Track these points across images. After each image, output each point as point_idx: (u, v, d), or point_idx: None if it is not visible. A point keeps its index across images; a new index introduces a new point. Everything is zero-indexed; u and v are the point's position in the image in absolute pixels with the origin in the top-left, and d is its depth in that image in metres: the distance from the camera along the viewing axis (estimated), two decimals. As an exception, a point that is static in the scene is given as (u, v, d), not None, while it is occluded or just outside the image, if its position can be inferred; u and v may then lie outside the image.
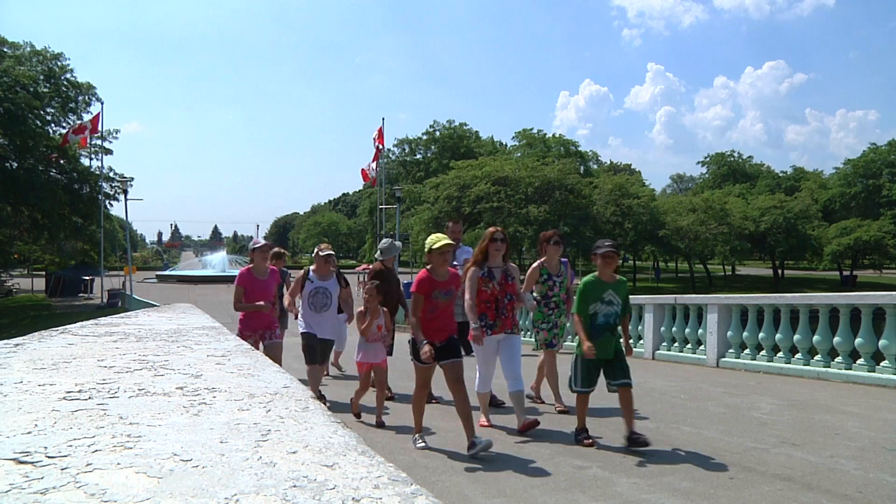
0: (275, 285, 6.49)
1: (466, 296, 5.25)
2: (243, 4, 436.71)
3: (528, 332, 11.41)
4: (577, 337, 5.01)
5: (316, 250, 6.85)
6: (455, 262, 6.13)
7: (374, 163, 34.57)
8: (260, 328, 6.43)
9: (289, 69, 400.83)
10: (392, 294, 6.72)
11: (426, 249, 4.88)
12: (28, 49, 33.73)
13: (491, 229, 5.55)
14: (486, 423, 5.48)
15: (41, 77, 33.58)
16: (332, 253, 6.84)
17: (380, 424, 5.64)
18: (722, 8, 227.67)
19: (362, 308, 5.85)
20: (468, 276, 5.32)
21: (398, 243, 7.18)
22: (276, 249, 8.20)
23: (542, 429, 5.39)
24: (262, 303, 6.25)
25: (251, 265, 6.52)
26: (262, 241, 6.72)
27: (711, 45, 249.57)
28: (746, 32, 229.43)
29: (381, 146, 34.27)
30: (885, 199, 53.81)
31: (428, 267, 4.89)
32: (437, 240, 4.84)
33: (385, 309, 6.01)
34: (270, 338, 6.47)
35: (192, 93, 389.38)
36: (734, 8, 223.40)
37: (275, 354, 6.14)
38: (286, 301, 7.50)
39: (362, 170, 35.34)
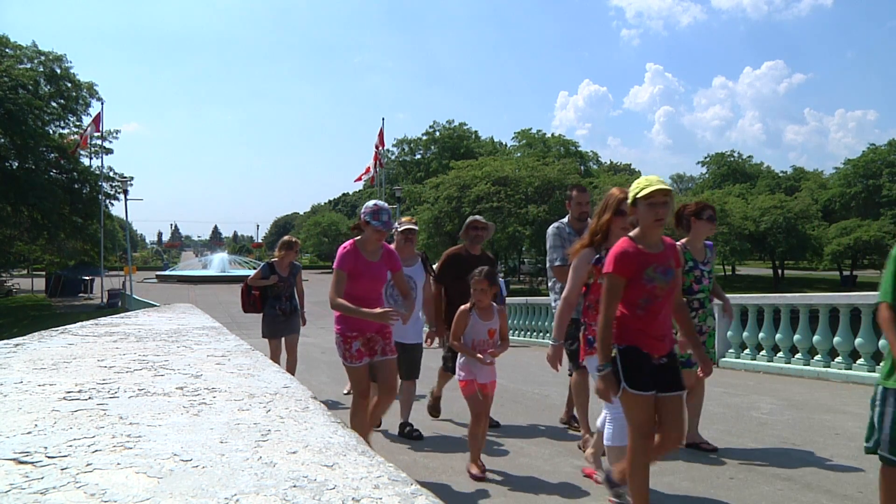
0: (386, 273, 4.25)
1: (565, 290, 3.76)
2: (243, 5, 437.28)
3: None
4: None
5: (395, 225, 4.92)
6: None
7: (376, 164, 34.64)
8: (370, 330, 4.12)
9: (288, 69, 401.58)
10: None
11: (630, 199, 3.06)
12: (32, 49, 33.72)
13: (616, 192, 3.73)
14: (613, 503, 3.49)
15: (42, 78, 33.60)
16: (415, 227, 5.18)
17: (479, 475, 4.06)
18: (720, 8, 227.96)
19: (468, 305, 4.18)
20: (574, 263, 3.69)
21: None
22: (287, 238, 7.31)
23: (542, 428, 5.39)
24: (380, 311, 3.91)
25: (356, 238, 4.17)
26: (387, 213, 4.11)
27: (710, 46, 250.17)
28: (745, 32, 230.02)
29: (380, 147, 34.35)
30: (885, 199, 53.80)
31: (632, 234, 3.04)
32: (647, 184, 2.97)
33: (500, 307, 4.31)
34: (384, 350, 4.16)
35: (191, 93, 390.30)
36: (732, 8, 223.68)
37: (390, 378, 4.22)
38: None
39: (357, 179, 35.53)
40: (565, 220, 5.07)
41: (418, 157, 66.78)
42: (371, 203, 4.14)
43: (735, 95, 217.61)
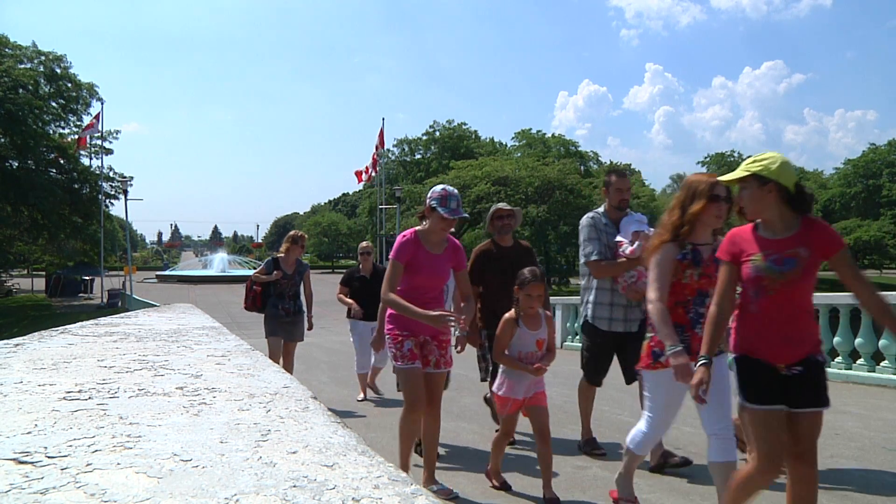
0: (449, 270, 3.79)
1: (651, 292, 3.08)
2: (242, 5, 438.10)
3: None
4: None
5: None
6: (619, 238, 4.38)
7: (374, 165, 34.77)
8: (424, 333, 3.68)
9: (287, 69, 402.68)
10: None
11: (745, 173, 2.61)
12: (32, 49, 33.74)
13: (703, 178, 3.18)
14: None
15: (42, 78, 33.64)
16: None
17: (498, 486, 3.86)
18: (719, 8, 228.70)
19: (512, 313, 3.70)
20: (657, 260, 3.11)
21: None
22: (294, 232, 6.93)
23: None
24: (438, 312, 3.47)
25: (419, 227, 3.74)
26: (456, 200, 3.65)
27: (709, 46, 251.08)
28: (744, 33, 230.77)
29: (380, 148, 34.47)
30: (885, 199, 53.87)
31: (757, 221, 2.66)
32: (776, 160, 2.56)
33: (547, 312, 3.85)
34: (438, 362, 3.72)
35: (191, 93, 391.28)
36: (731, 8, 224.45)
37: (436, 391, 3.76)
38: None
39: (357, 171, 35.55)
40: (601, 209, 4.64)
41: (418, 157, 66.75)
42: (439, 188, 3.69)
43: (735, 95, 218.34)
